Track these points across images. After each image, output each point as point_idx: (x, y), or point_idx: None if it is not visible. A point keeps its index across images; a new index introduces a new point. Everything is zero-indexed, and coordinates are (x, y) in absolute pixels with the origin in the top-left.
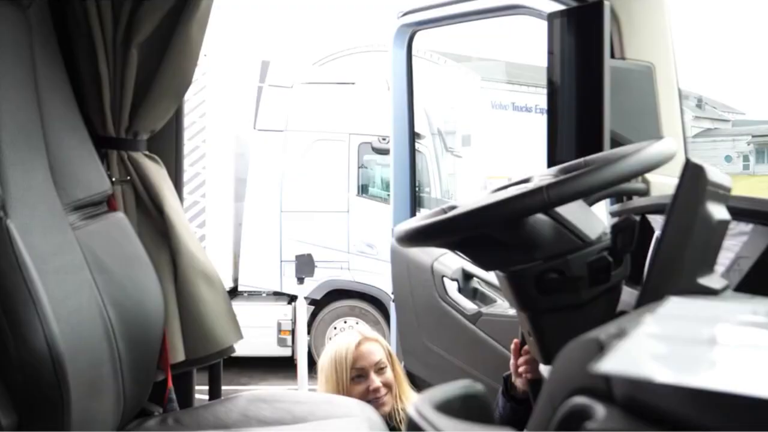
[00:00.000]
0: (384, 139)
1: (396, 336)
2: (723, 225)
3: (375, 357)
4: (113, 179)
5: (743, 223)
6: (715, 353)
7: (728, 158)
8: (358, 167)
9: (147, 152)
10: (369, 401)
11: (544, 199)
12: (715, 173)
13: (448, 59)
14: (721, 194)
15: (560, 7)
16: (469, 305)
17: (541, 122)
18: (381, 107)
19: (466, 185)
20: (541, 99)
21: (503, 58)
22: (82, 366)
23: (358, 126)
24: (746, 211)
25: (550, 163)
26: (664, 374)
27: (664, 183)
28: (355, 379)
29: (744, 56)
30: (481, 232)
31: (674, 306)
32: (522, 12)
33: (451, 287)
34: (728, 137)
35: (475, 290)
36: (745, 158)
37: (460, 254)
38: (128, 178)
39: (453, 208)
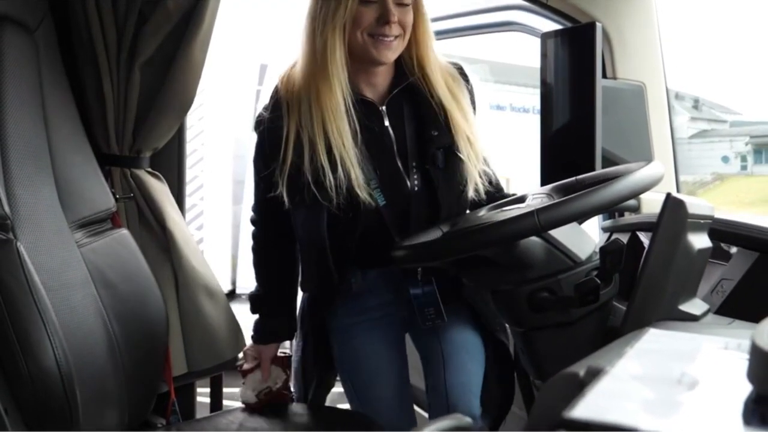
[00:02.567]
0: None
1: None
2: (704, 253)
3: None
4: (117, 196)
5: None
6: (684, 396)
7: (725, 159)
8: None
9: (150, 169)
10: (373, 36)
11: (536, 223)
12: (696, 205)
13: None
14: (703, 224)
15: (553, 25)
16: None
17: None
18: None
19: None
20: (538, 100)
21: (500, 60)
22: (89, 379)
23: None
24: (730, 235)
25: (544, 180)
26: (633, 419)
27: (655, 200)
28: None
29: (740, 56)
30: (474, 253)
31: (652, 339)
32: (516, 29)
33: None
34: (725, 138)
35: None
36: (743, 158)
37: (455, 272)
38: (131, 195)
39: (450, 225)
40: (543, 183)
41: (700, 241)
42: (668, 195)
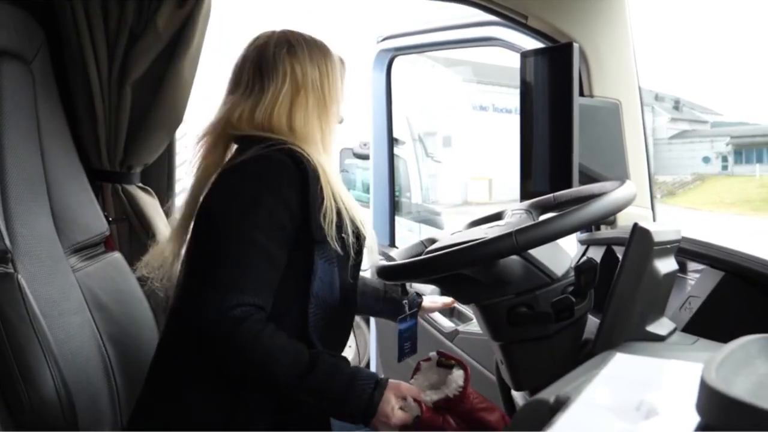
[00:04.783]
0: (365, 145)
1: (375, 351)
2: (670, 277)
3: None
4: (110, 219)
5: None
6: (640, 425)
7: (706, 159)
8: (340, 171)
9: (140, 184)
10: None
11: (514, 244)
12: (663, 232)
13: (428, 61)
14: (669, 248)
15: (533, 42)
16: (446, 323)
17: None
18: (362, 115)
19: (446, 187)
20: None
21: (483, 60)
22: (85, 402)
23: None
24: (699, 254)
25: (523, 195)
26: None
27: (630, 213)
28: None
29: (722, 58)
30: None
31: (618, 366)
32: (497, 44)
33: None
34: (706, 138)
35: (453, 308)
36: (724, 159)
37: (438, 287)
38: (124, 217)
39: (433, 241)
40: (522, 198)
41: (666, 265)
42: (635, 225)
